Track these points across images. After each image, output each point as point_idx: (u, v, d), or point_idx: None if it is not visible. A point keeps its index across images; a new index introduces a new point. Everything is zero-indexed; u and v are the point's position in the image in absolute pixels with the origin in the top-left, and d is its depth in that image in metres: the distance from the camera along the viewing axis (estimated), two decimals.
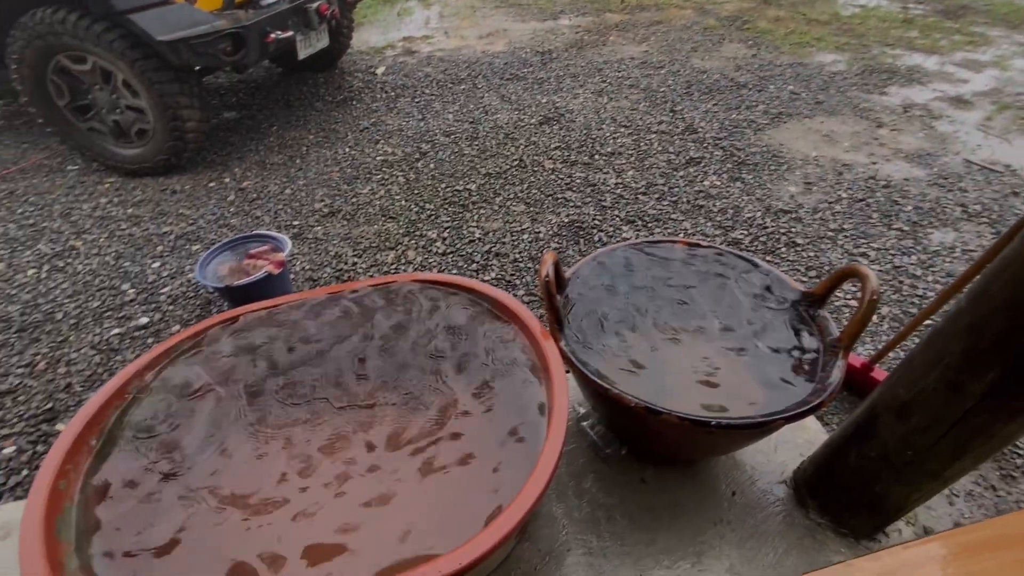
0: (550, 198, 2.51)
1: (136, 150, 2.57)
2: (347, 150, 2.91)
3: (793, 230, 2.28)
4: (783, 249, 2.17)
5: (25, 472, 1.47)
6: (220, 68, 2.41)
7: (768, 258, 2.12)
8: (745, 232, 2.27)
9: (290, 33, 2.55)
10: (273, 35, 2.45)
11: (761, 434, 1.04)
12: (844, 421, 1.12)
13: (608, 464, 1.29)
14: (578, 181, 2.62)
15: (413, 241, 2.27)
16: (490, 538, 0.75)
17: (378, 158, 2.84)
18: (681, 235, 2.26)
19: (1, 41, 2.35)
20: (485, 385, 1.11)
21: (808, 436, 1.36)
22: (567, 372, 1.02)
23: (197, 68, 2.34)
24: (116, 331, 1.85)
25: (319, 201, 2.51)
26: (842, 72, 3.81)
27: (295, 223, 2.36)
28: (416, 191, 2.59)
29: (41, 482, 0.89)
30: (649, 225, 2.30)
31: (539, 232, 2.29)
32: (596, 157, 2.82)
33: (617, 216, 2.36)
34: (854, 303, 1.89)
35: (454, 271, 2.09)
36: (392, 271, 2.11)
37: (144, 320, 1.89)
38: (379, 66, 3.98)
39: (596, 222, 2.32)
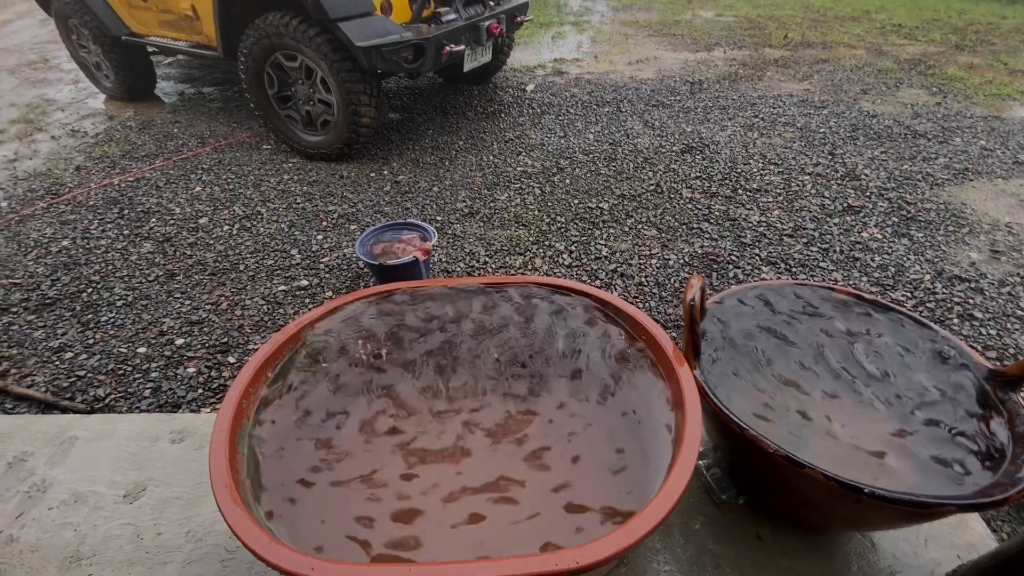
0: (684, 227, 2.45)
1: (319, 137, 2.97)
2: (491, 158, 3.10)
3: (970, 301, 1.98)
4: (955, 321, 1.90)
5: (200, 391, 1.75)
6: (397, 73, 2.70)
7: None
8: (908, 294, 2.02)
9: (462, 47, 2.81)
10: (448, 48, 2.72)
11: (921, 517, 0.92)
12: None
13: (721, 510, 1.22)
14: (717, 213, 2.53)
15: (541, 250, 2.34)
16: (605, 549, 0.75)
17: (518, 168, 2.98)
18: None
19: (235, 38, 2.87)
20: (613, 399, 1.12)
21: (971, 538, 1.17)
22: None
23: (380, 71, 2.65)
24: (282, 288, 2.14)
25: (461, 201, 2.69)
26: None
27: (438, 218, 2.56)
28: (549, 203, 2.67)
29: (230, 399, 1.06)
30: (793, 269, 2.15)
31: (669, 259, 2.24)
32: (739, 192, 2.70)
33: (757, 255, 2.23)
34: None
35: None
36: (519, 275, 2.19)
37: (304, 282, 2.16)
38: (529, 83, 4.18)
39: (733, 258, 2.21)
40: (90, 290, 2.17)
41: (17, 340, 1.96)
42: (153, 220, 2.61)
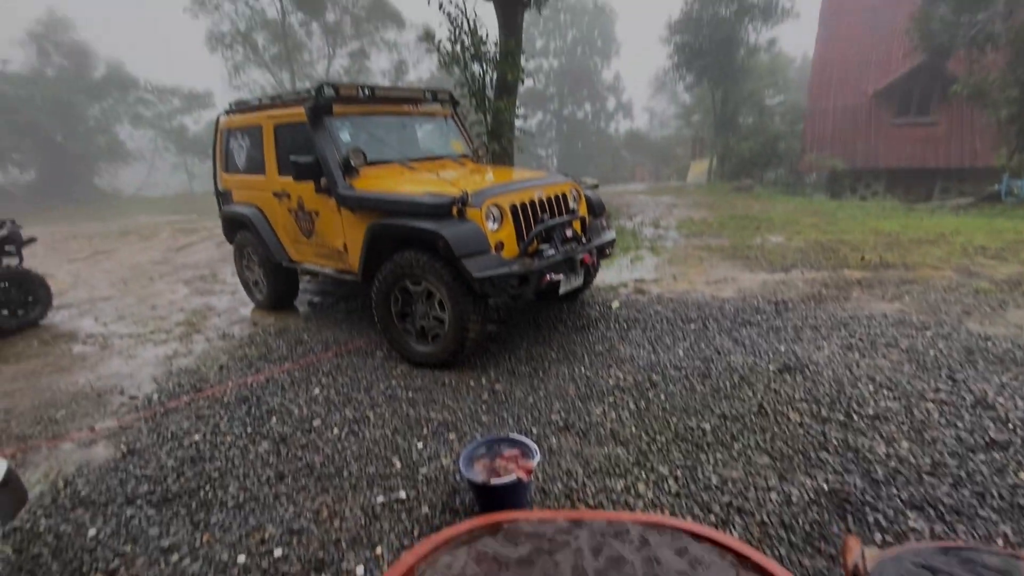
0: (800, 455, 2.26)
1: (428, 348, 3.31)
2: (582, 370, 3.21)
3: None
4: None
5: None
6: (504, 297, 3.09)
7: None
8: None
9: (560, 276, 3.21)
10: (548, 277, 3.12)
11: None
12: None
13: None
14: (835, 442, 2.34)
15: (643, 473, 2.23)
16: None
17: (610, 381, 3.04)
18: (1002, 542, 1.74)
19: (373, 267, 3.48)
20: None
21: None
22: None
23: (489, 295, 3.04)
24: (380, 499, 2.15)
25: (555, 413, 2.73)
26: None
27: (533, 429, 2.58)
28: (646, 420, 2.63)
29: None
30: (946, 518, 1.84)
31: (790, 494, 2.02)
32: (854, 418, 2.52)
33: (897, 496, 1.96)
34: None
35: (688, 518, 1.94)
36: (622, 502, 2.06)
37: (403, 495, 2.16)
38: (614, 301, 4.52)
39: (868, 498, 1.96)
40: (208, 487, 2.30)
41: (133, 536, 2.04)
42: (274, 419, 2.85)
